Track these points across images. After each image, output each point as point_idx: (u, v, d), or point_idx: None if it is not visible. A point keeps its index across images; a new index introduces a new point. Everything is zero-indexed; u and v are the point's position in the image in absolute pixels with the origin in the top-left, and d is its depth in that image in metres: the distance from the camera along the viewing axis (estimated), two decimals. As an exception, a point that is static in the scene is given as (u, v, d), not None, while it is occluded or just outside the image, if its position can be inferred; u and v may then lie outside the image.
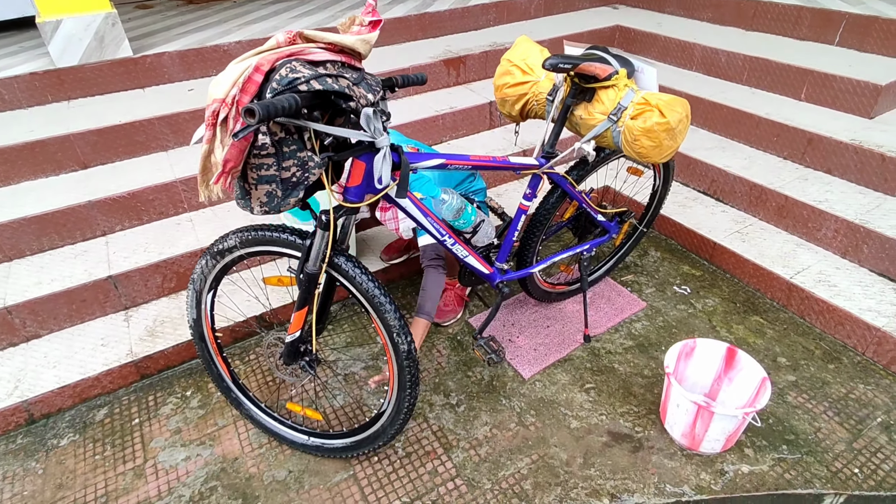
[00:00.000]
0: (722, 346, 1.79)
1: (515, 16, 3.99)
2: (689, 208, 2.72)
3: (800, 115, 2.75)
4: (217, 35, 3.20)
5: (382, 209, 1.92)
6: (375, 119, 1.24)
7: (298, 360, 1.58)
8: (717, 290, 2.40)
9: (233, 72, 1.14)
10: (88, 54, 2.76)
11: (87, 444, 1.84)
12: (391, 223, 1.91)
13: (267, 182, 1.23)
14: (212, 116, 1.15)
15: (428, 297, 1.83)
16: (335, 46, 1.24)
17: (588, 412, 1.89)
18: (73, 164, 2.50)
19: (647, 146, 1.53)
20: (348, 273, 1.42)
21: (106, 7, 2.75)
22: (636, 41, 3.75)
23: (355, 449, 1.67)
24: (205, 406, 1.96)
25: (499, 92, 1.83)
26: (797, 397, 1.91)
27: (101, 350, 2.04)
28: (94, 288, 2.13)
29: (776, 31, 3.40)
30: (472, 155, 1.53)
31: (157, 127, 2.62)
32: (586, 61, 1.52)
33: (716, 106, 2.99)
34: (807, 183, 2.53)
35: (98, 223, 2.35)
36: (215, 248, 1.52)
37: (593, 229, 2.13)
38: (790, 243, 2.43)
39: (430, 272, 1.85)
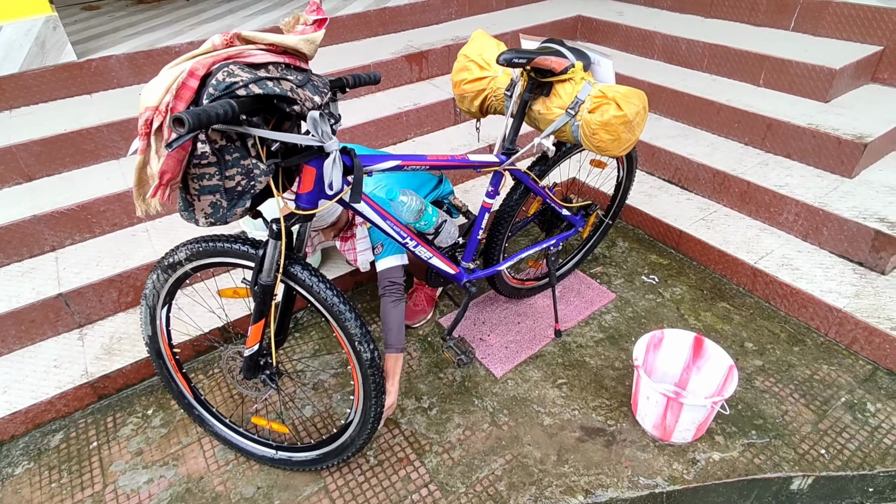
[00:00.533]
0: (689, 335, 1.79)
1: (477, 9, 3.95)
2: (655, 197, 2.73)
3: (759, 101, 2.78)
4: (168, 36, 3.08)
5: (342, 239, 1.86)
6: (323, 122, 1.20)
7: (259, 373, 1.52)
8: (684, 279, 2.41)
9: (166, 77, 1.07)
10: (29, 61, 2.62)
11: (42, 472, 1.75)
12: (350, 254, 1.86)
13: (210, 192, 1.17)
14: (145, 125, 1.08)
15: (389, 328, 1.74)
16: (277, 47, 1.19)
17: (561, 408, 1.88)
18: (16, 176, 2.38)
19: (606, 140, 1.52)
20: (305, 282, 1.37)
21: (46, 10, 2.62)
22: (598, 31, 3.75)
23: (323, 461, 1.63)
24: (167, 424, 1.88)
25: (457, 88, 1.79)
26: (764, 381, 1.94)
27: (53, 372, 1.95)
28: (44, 307, 2.03)
29: (734, 18, 3.43)
30: (429, 154, 1.49)
31: (107, 134, 2.51)
32: (541, 55, 1.50)
33: (678, 94, 3.01)
34: (767, 168, 2.57)
35: (46, 238, 2.23)
36: (165, 262, 1.46)
37: (559, 223, 2.12)
38: (754, 228, 2.46)
39: (387, 303, 1.76)
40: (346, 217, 1.79)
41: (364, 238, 1.83)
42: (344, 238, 1.87)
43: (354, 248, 1.84)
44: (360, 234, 1.83)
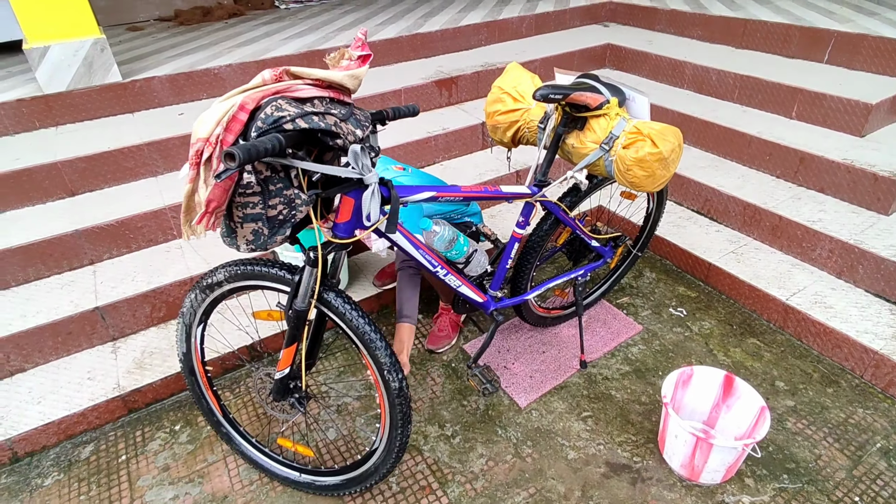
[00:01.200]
0: (720, 373, 1.76)
1: (507, 35, 4.01)
2: (684, 228, 2.71)
3: (791, 134, 2.76)
4: (207, 58, 3.19)
5: None
6: (363, 155, 1.23)
7: (288, 396, 1.54)
8: (713, 312, 2.38)
9: (217, 110, 1.12)
10: (77, 80, 2.74)
11: (72, 484, 1.79)
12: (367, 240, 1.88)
13: (253, 220, 1.20)
14: (196, 156, 1.12)
15: (405, 300, 1.78)
16: (323, 82, 1.23)
17: (586, 442, 1.85)
18: (60, 191, 2.47)
19: (640, 176, 1.52)
20: (338, 309, 1.39)
21: (94, 33, 2.74)
22: (627, 60, 3.77)
23: (346, 487, 1.63)
24: (194, 441, 1.91)
25: (490, 119, 1.82)
26: (796, 423, 1.89)
27: (87, 384, 2.00)
28: (81, 319, 2.09)
29: (766, 49, 3.42)
30: (463, 186, 1.52)
31: (147, 153, 2.60)
32: (577, 91, 1.51)
33: (707, 125, 3.00)
34: (800, 202, 2.53)
35: (85, 252, 2.31)
36: (204, 282, 1.49)
37: (588, 254, 2.11)
38: (785, 263, 2.42)
39: (404, 276, 1.80)
40: None
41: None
42: None
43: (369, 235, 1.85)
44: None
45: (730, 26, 3.58)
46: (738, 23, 3.52)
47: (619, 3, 4.37)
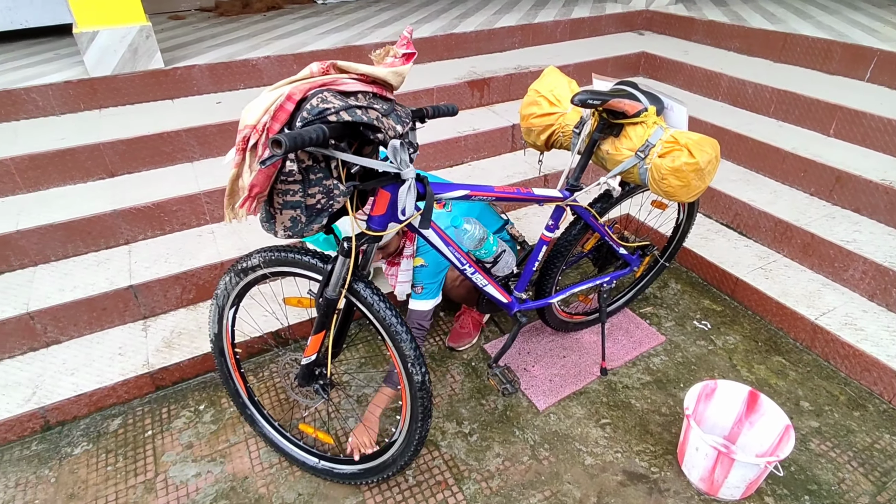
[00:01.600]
0: (744, 388, 1.74)
1: (541, 39, 4.01)
2: (712, 241, 2.68)
3: (828, 152, 2.71)
4: (246, 49, 3.26)
5: (389, 264, 1.91)
6: (402, 151, 1.25)
7: (313, 382, 1.57)
8: (738, 328, 2.35)
9: (266, 99, 1.15)
10: (122, 65, 2.82)
11: (99, 455, 1.85)
12: (392, 279, 1.91)
13: (292, 208, 1.23)
14: (242, 142, 1.16)
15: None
16: (367, 77, 1.25)
17: (603, 449, 1.85)
18: (101, 172, 2.55)
19: (675, 185, 1.52)
20: (367, 300, 1.42)
21: (141, 20, 2.82)
22: (661, 69, 3.74)
23: (364, 476, 1.66)
24: (217, 421, 1.96)
25: (525, 121, 1.83)
26: (820, 445, 1.85)
27: (118, 359, 2.06)
28: (115, 297, 2.15)
29: (805, 65, 3.36)
30: (496, 186, 1.53)
31: (185, 138, 2.66)
32: (615, 97, 1.52)
33: (741, 138, 2.96)
34: (834, 221, 2.48)
35: (122, 232, 2.38)
36: (239, 266, 1.53)
37: (614, 261, 2.11)
38: (815, 283, 2.38)
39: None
40: (396, 243, 1.83)
41: (407, 271, 1.87)
42: (391, 263, 1.91)
43: (397, 276, 1.88)
44: (404, 265, 1.87)
45: (769, 39, 3.53)
46: (778, 36, 3.47)
47: (655, 12, 4.33)
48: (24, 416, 1.86)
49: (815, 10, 4.11)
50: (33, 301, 2.07)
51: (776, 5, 4.30)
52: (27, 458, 1.84)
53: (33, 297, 2.09)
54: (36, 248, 2.23)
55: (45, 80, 2.73)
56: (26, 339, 2.06)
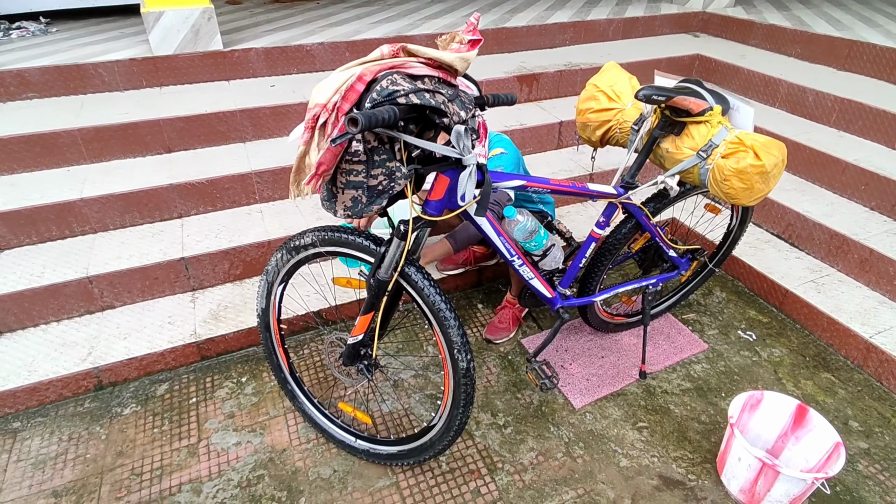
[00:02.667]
0: (792, 402, 1.69)
1: (593, 37, 3.95)
2: (761, 251, 2.60)
3: (893, 166, 2.59)
4: (301, 35, 3.31)
5: None
6: (466, 137, 1.25)
7: (357, 362, 1.60)
8: (784, 341, 2.28)
9: (337, 79, 1.17)
10: (184, 45, 2.91)
11: (147, 417, 1.92)
12: None
13: (354, 188, 1.25)
14: (312, 120, 1.18)
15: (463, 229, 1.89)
16: (434, 62, 1.26)
17: (639, 452, 1.83)
18: (159, 147, 2.64)
19: (738, 187, 1.48)
20: (417, 284, 1.43)
21: (204, 2, 2.90)
22: (717, 72, 3.64)
23: (401, 458, 1.68)
24: (258, 394, 2.01)
25: (581, 116, 1.81)
26: (868, 467, 1.79)
27: (167, 327, 2.14)
28: (168, 267, 2.23)
29: (872, 74, 3.22)
30: (552, 179, 1.52)
31: (239, 119, 2.73)
32: (680, 95, 1.49)
33: (799, 146, 2.86)
34: (895, 238, 2.38)
35: (176, 206, 2.46)
36: (292, 244, 1.57)
37: (662, 263, 2.07)
38: (871, 300, 2.29)
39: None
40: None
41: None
42: None
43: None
44: None
45: (833, 46, 3.39)
46: (844, 43, 3.33)
47: (712, 14, 4.22)
48: (80, 374, 1.95)
49: (884, 18, 3.93)
50: (92, 266, 2.16)
51: (842, 12, 4.13)
52: (80, 414, 1.93)
53: (92, 262, 2.18)
54: (97, 217, 2.33)
55: (111, 57, 2.84)
56: (84, 301, 2.15)
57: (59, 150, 2.47)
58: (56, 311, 2.13)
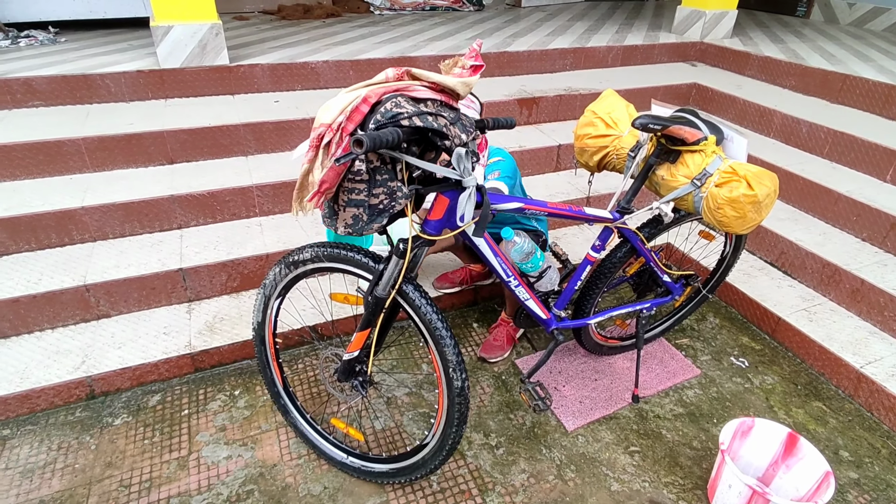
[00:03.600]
0: (783, 430, 1.70)
1: (592, 63, 4.03)
2: (755, 278, 2.63)
3: (884, 198, 2.64)
4: (306, 52, 3.38)
5: None
6: (466, 159, 1.28)
7: (352, 378, 1.61)
8: (777, 368, 2.29)
9: (342, 100, 1.20)
10: (191, 59, 2.96)
11: (138, 428, 1.91)
12: None
13: (356, 206, 1.28)
14: (317, 139, 1.21)
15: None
16: (437, 86, 1.29)
17: (631, 476, 1.82)
18: (161, 158, 2.67)
19: (731, 216, 1.51)
20: (414, 302, 1.45)
21: (213, 18, 2.96)
22: (713, 101, 3.71)
23: (393, 476, 1.67)
24: (251, 408, 2.01)
25: (579, 141, 1.85)
26: (858, 497, 1.79)
27: (162, 338, 2.14)
28: (165, 278, 2.24)
29: (864, 108, 3.30)
30: (549, 202, 1.55)
31: (242, 133, 2.77)
32: (676, 124, 1.53)
33: (792, 176, 2.91)
34: (886, 269, 2.41)
35: (176, 216, 2.48)
36: (291, 259, 1.58)
37: (656, 288, 2.09)
38: (863, 330, 2.31)
39: None
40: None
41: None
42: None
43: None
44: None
45: (827, 80, 3.47)
46: (837, 77, 3.42)
47: (709, 45, 4.32)
48: (72, 383, 1.95)
49: (877, 53, 4.03)
50: (90, 274, 2.17)
51: (836, 46, 4.23)
52: (71, 423, 1.92)
53: (90, 270, 2.19)
54: (97, 225, 2.35)
55: (118, 69, 2.88)
56: (80, 309, 2.16)
57: (62, 158, 2.49)
58: (51, 319, 2.13)
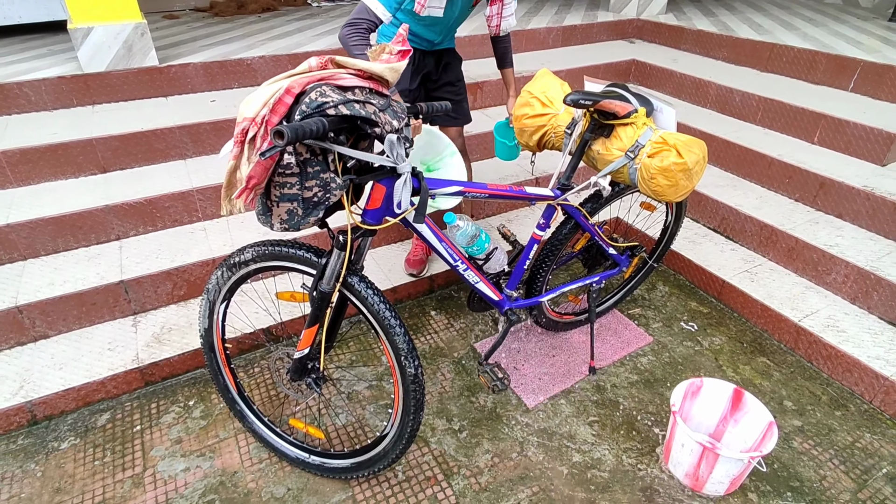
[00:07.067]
0: (729, 386, 1.78)
1: (534, 45, 4.06)
2: (699, 245, 2.72)
3: (812, 159, 2.77)
4: (241, 49, 3.27)
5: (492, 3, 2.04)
6: (399, 145, 1.27)
7: (305, 376, 1.58)
8: (724, 329, 2.39)
9: (265, 92, 1.17)
10: (116, 62, 2.82)
11: (87, 449, 1.83)
12: (495, 18, 2.08)
13: (289, 200, 1.25)
14: (241, 134, 1.17)
15: None
16: (364, 73, 1.27)
17: (591, 446, 1.87)
18: (93, 167, 2.54)
19: (664, 185, 1.55)
20: (361, 294, 1.43)
21: (136, 17, 2.83)
22: (652, 76, 3.81)
23: (355, 470, 1.66)
24: (207, 417, 1.95)
25: (518, 122, 1.86)
26: (803, 443, 1.89)
27: (107, 354, 2.05)
28: (106, 292, 2.14)
29: (791, 74, 3.45)
30: (489, 184, 1.55)
31: (178, 135, 2.66)
32: (606, 98, 1.55)
33: (729, 144, 3.02)
34: (818, 226, 2.54)
35: (113, 227, 2.37)
36: (232, 261, 1.54)
37: (604, 261, 2.14)
38: (799, 286, 2.43)
39: None
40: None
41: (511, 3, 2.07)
42: (492, 2, 2.05)
43: (500, 13, 2.06)
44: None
45: (756, 49, 3.61)
46: (765, 46, 3.55)
47: (645, 21, 4.41)
48: (11, 410, 1.85)
49: (801, 22, 4.21)
50: (22, 295, 2.05)
51: (763, 17, 4.40)
52: (13, 452, 1.83)
53: (22, 291, 2.08)
54: (26, 242, 2.22)
55: (37, 76, 2.72)
56: (14, 333, 2.04)
57: (-19, 174, 2.34)
58: (-17, 345, 2.01)
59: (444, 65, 2.22)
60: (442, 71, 2.23)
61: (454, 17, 2.01)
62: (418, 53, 2.14)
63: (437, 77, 2.23)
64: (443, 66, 2.22)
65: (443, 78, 2.24)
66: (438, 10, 1.88)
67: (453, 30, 2.14)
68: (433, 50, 2.16)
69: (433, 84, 2.25)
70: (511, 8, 2.06)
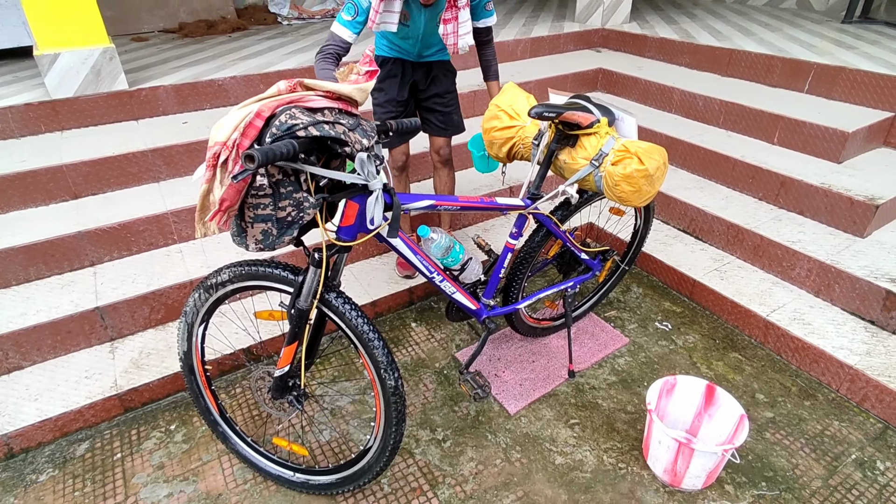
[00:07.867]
0: (701, 383, 1.84)
1: (502, 57, 4.13)
2: (670, 246, 2.80)
3: (773, 159, 2.88)
4: (212, 70, 3.28)
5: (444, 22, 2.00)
6: (369, 163, 1.30)
7: (286, 394, 1.59)
8: (697, 327, 2.46)
9: (235, 117, 1.19)
10: (84, 87, 2.81)
11: (66, 480, 1.81)
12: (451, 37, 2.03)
13: (263, 221, 1.27)
14: (213, 158, 1.19)
15: None
16: (333, 94, 1.31)
17: (573, 448, 1.91)
18: (64, 194, 2.52)
19: (627, 191, 1.61)
20: (338, 309, 1.45)
21: (104, 42, 2.82)
22: (618, 84, 3.92)
23: (341, 486, 1.67)
24: (189, 440, 1.94)
25: (487, 135, 1.91)
26: (775, 434, 1.96)
27: (84, 382, 2.03)
28: (81, 319, 2.12)
29: (750, 78, 3.58)
30: (461, 196, 1.60)
31: (150, 159, 2.66)
32: (569, 110, 1.61)
33: (694, 148, 3.12)
34: (780, 223, 2.64)
35: (87, 253, 2.35)
36: (209, 282, 1.55)
37: (577, 266, 2.19)
38: (766, 282, 2.52)
39: None
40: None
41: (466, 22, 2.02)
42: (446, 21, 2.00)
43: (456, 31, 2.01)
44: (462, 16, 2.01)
45: (716, 55, 3.74)
46: (724, 52, 3.69)
47: (610, 30, 4.54)
48: (-14, 444, 1.81)
49: (758, 27, 4.38)
50: (-6, 326, 2.02)
51: (722, 23, 4.56)
52: (-11, 487, 1.79)
53: (-6, 322, 2.04)
54: (-4, 273, 2.19)
55: (3, 103, 2.69)
56: (-13, 365, 2.01)
57: (-53, 205, 2.31)
58: (-46, 379, 1.97)
59: (433, 77, 2.27)
60: (430, 83, 2.27)
61: (421, 32, 2.06)
62: (406, 64, 2.20)
63: (424, 88, 2.28)
64: (431, 78, 2.27)
65: (430, 89, 2.29)
66: (392, 26, 1.92)
67: (432, 43, 2.17)
68: (421, 62, 2.21)
69: (421, 94, 2.30)
70: (466, 27, 2.04)
